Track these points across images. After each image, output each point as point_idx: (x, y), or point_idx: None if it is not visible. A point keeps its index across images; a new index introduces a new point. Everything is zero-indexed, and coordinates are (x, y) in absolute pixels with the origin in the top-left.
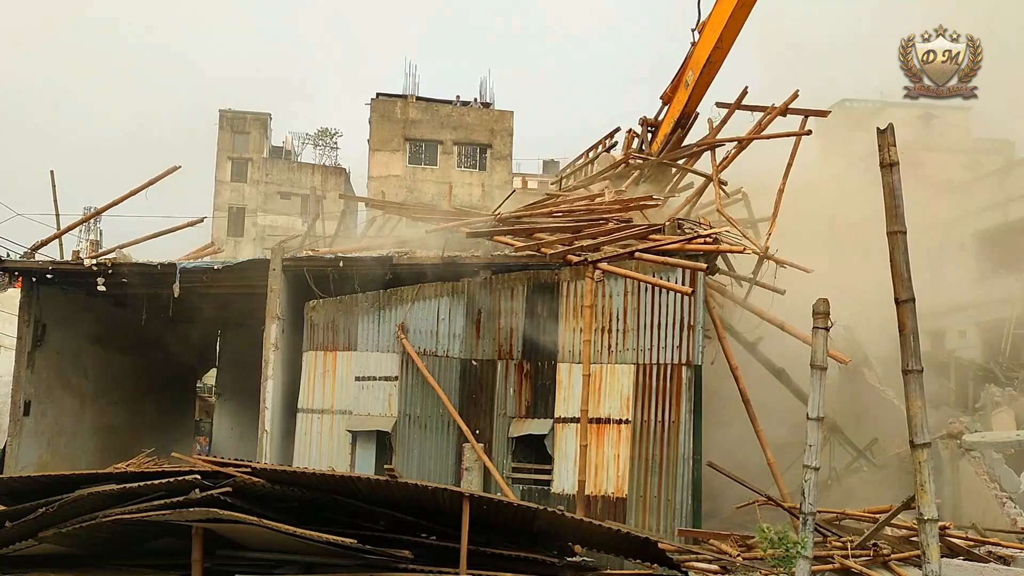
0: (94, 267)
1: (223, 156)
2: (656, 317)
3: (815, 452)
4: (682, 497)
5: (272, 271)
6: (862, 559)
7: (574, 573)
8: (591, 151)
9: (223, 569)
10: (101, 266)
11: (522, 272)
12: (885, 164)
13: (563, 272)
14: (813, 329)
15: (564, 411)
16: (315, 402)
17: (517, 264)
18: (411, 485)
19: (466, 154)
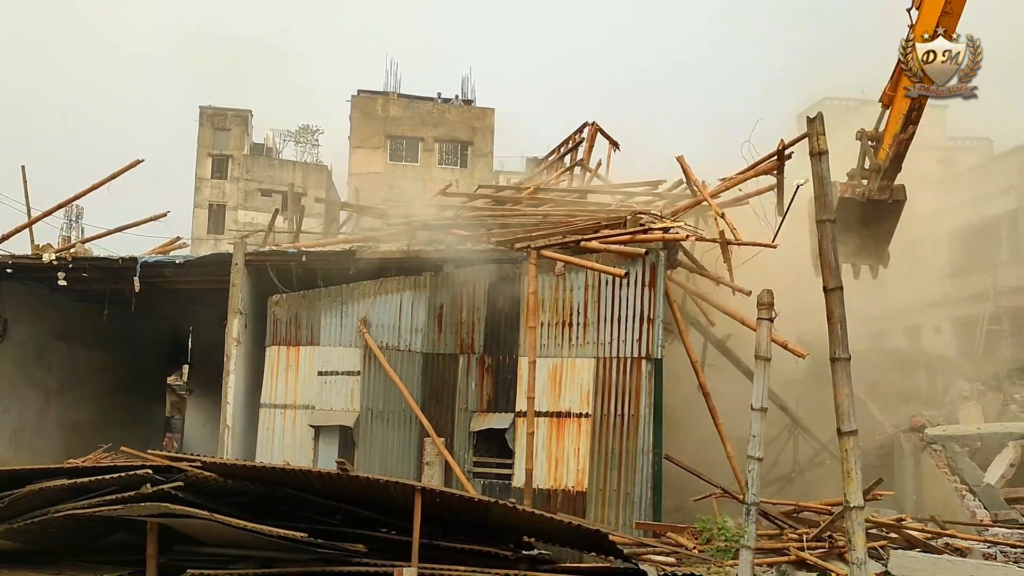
0: (54, 262)
1: (203, 153)
2: (616, 311)
3: (758, 443)
4: (641, 490)
5: (234, 266)
6: (818, 551)
7: (528, 566)
8: (562, 147)
9: (179, 564)
10: (61, 260)
11: (483, 266)
12: (814, 153)
13: (524, 266)
14: (758, 320)
15: (525, 405)
16: (278, 397)
17: (479, 258)
18: (363, 479)
19: (447, 151)
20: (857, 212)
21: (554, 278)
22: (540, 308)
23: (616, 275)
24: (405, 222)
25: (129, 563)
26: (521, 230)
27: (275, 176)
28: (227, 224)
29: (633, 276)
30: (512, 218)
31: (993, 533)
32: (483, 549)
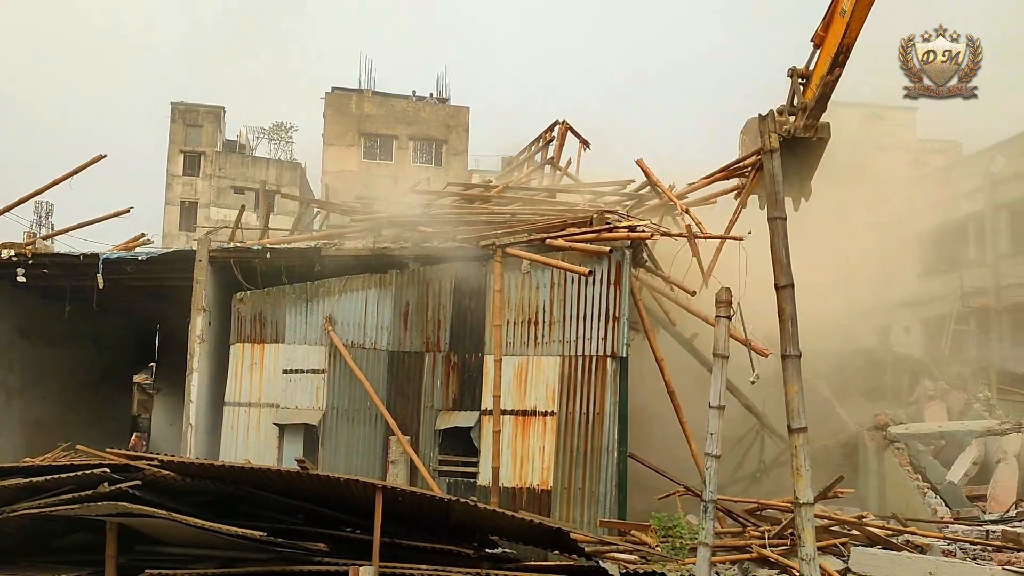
0: (12, 258)
1: (175, 149)
2: (582, 309)
3: (716, 440)
4: (606, 488)
5: (198, 262)
6: (780, 548)
7: (491, 565)
8: (532, 146)
9: (139, 564)
10: (20, 257)
11: (450, 264)
12: (766, 150)
13: (490, 264)
14: (716, 318)
15: (491, 403)
16: (242, 395)
17: (445, 256)
18: (323, 477)
19: (422, 150)
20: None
21: (520, 276)
22: (506, 306)
23: (580, 273)
24: (371, 219)
25: (88, 563)
26: (488, 228)
27: (248, 173)
28: (199, 221)
29: (599, 275)
30: (480, 216)
31: (953, 530)
32: (445, 547)
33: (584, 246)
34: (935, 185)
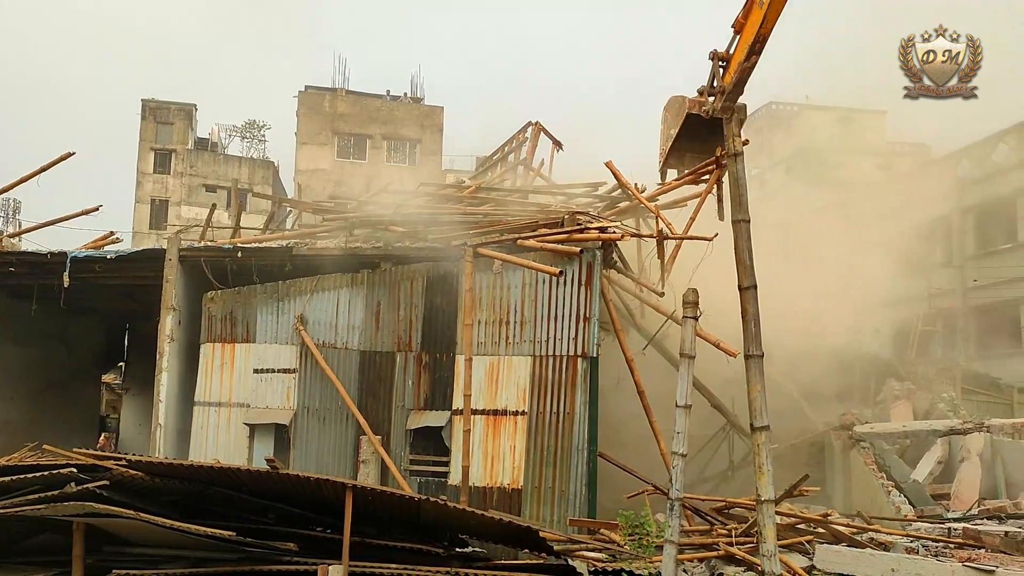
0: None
1: (145, 147)
2: (553, 309)
3: (682, 439)
4: (576, 488)
5: (168, 261)
6: (746, 546)
7: (461, 563)
8: (506, 146)
9: (107, 565)
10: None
11: (421, 264)
12: (731, 154)
13: (462, 264)
14: (683, 318)
15: (462, 403)
16: (212, 395)
17: (417, 256)
18: (293, 476)
19: (395, 149)
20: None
21: (492, 276)
22: (477, 306)
23: (551, 273)
24: (343, 218)
25: (55, 564)
26: (460, 228)
27: (220, 171)
28: (170, 219)
29: (570, 275)
30: (453, 216)
31: (916, 528)
32: (415, 546)
33: (555, 247)
34: (904, 188)
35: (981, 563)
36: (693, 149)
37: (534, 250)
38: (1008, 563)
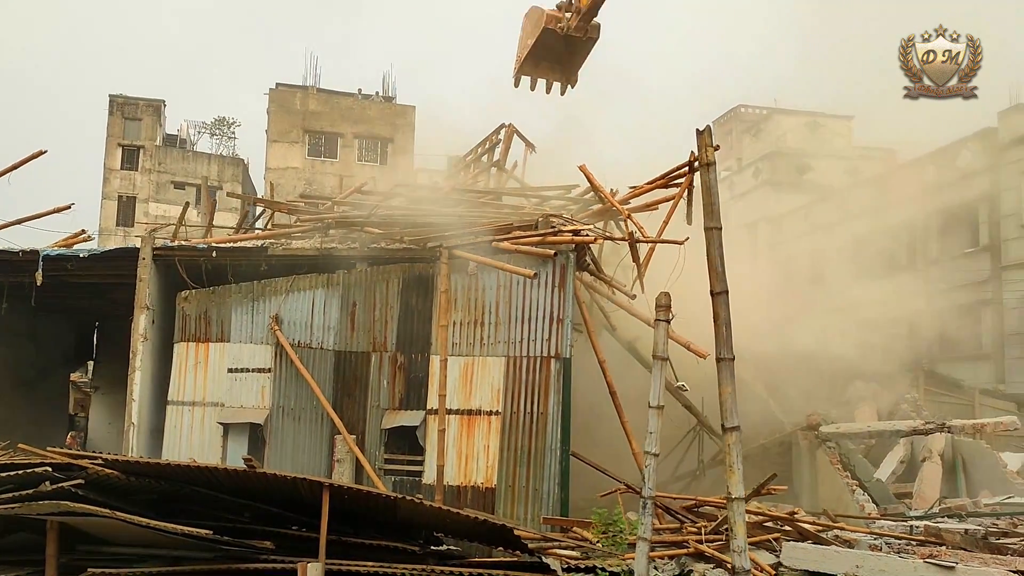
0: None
1: (113, 143)
2: (527, 311)
3: (655, 439)
4: (549, 486)
5: (141, 260)
6: (715, 544)
7: (437, 561)
8: (479, 147)
9: (81, 564)
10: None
11: (397, 265)
12: (703, 163)
13: (437, 266)
14: (656, 321)
15: (437, 403)
16: (186, 394)
17: (393, 257)
18: (270, 475)
19: (367, 148)
20: (557, 41)
21: (467, 278)
22: (452, 307)
23: (526, 276)
24: (318, 218)
25: (29, 563)
26: (435, 230)
27: (189, 168)
28: (138, 216)
29: (544, 277)
30: (428, 217)
31: (880, 525)
32: (391, 544)
33: (530, 249)
34: (870, 192)
35: (942, 560)
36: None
37: (509, 252)
38: (968, 559)
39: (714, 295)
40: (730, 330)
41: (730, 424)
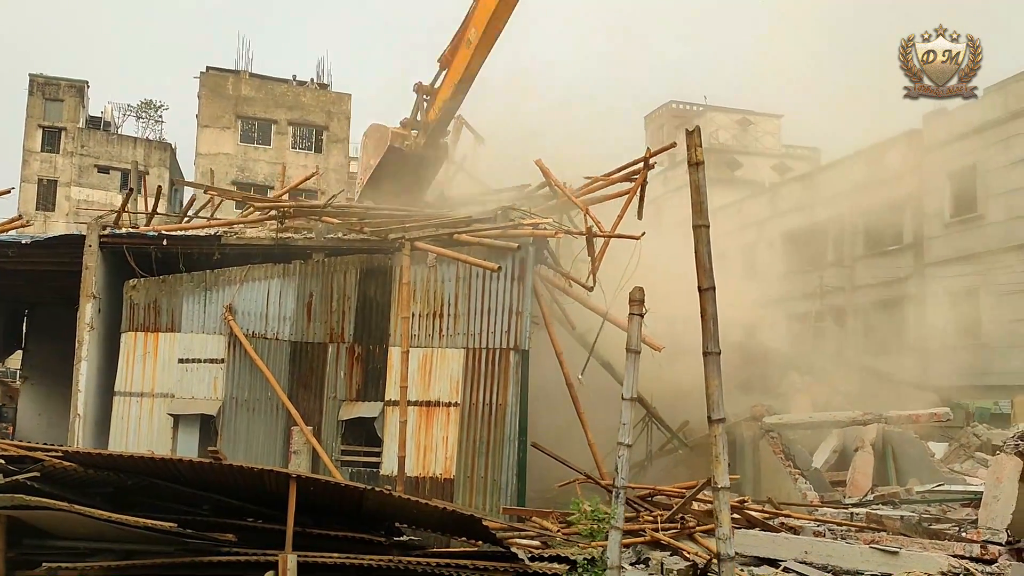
0: None
1: (33, 124)
2: (486, 303)
3: (628, 430)
4: (507, 477)
5: (88, 248)
6: (670, 531)
7: (400, 552)
8: None
9: (28, 559)
10: None
11: (355, 256)
12: (692, 163)
13: (396, 257)
14: (629, 316)
15: (395, 394)
16: (134, 385)
17: (351, 248)
18: (236, 468)
19: (301, 135)
20: (403, 161)
21: (426, 269)
22: (412, 299)
23: (490, 269)
24: (274, 206)
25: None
26: (394, 221)
27: (113, 152)
28: (59, 201)
29: (504, 270)
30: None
31: (822, 513)
32: (356, 536)
33: (490, 241)
34: (798, 189)
35: (886, 545)
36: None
37: (470, 244)
38: (908, 544)
39: (702, 291)
40: (717, 325)
41: (716, 416)
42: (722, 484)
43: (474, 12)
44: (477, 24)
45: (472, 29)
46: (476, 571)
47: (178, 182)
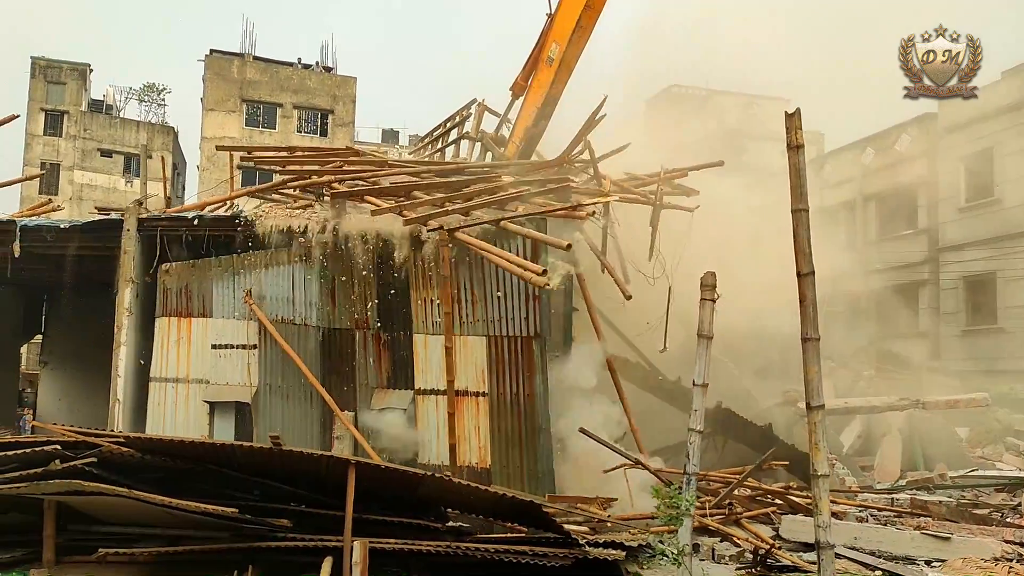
0: None
1: (35, 107)
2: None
3: (700, 416)
4: (543, 466)
5: (126, 232)
6: (717, 517)
7: (454, 538)
8: (447, 122)
9: (76, 545)
10: None
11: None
12: (792, 146)
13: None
14: (700, 301)
15: (423, 383)
16: (169, 371)
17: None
18: (295, 453)
19: (307, 119)
20: None
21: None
22: (428, 284)
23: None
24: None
25: (21, 544)
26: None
27: (116, 135)
28: (62, 185)
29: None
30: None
31: (863, 498)
32: (412, 521)
33: (544, 237)
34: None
35: (936, 530)
36: None
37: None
38: (957, 530)
39: (801, 276)
40: (816, 310)
41: (816, 403)
42: (821, 472)
43: (552, 27)
44: (558, 38)
45: (553, 45)
46: (535, 557)
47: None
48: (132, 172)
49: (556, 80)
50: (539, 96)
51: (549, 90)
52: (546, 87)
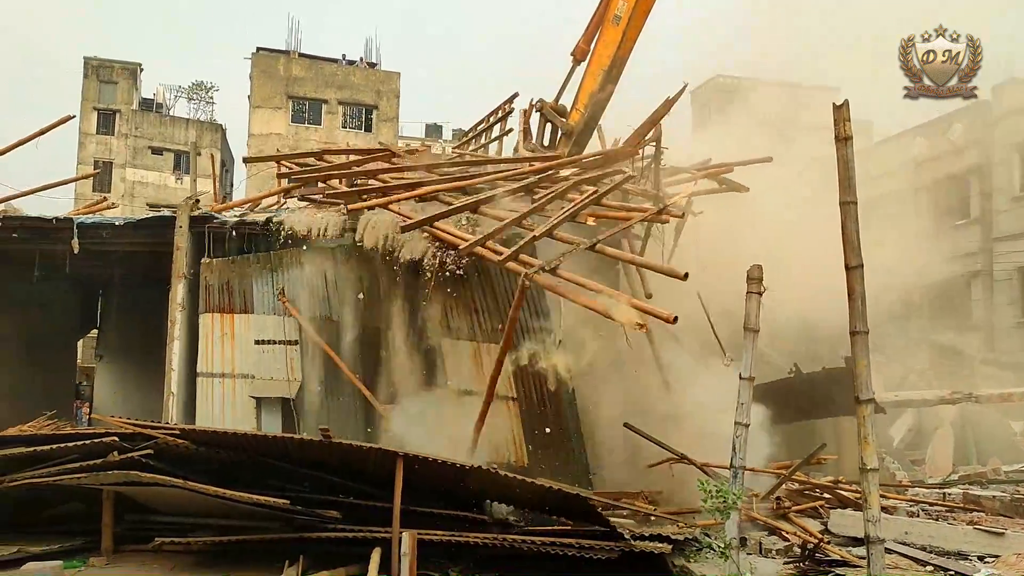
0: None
1: (88, 107)
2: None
3: (747, 409)
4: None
5: (179, 228)
6: (764, 511)
7: (500, 530)
8: (491, 116)
9: (131, 534)
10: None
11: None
12: (840, 138)
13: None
14: (747, 294)
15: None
16: (215, 366)
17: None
18: (345, 445)
19: (351, 115)
20: None
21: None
22: (457, 290)
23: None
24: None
25: (81, 533)
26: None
27: (166, 133)
28: (114, 182)
29: None
30: None
31: (914, 492)
32: (458, 513)
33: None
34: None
35: (990, 526)
36: None
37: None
38: (1011, 526)
39: (849, 269)
40: (865, 304)
41: (864, 397)
42: (871, 466)
43: None
44: None
45: (620, 2)
46: (581, 550)
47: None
48: (182, 169)
49: (625, 39)
50: (605, 58)
51: (617, 51)
52: (613, 48)
